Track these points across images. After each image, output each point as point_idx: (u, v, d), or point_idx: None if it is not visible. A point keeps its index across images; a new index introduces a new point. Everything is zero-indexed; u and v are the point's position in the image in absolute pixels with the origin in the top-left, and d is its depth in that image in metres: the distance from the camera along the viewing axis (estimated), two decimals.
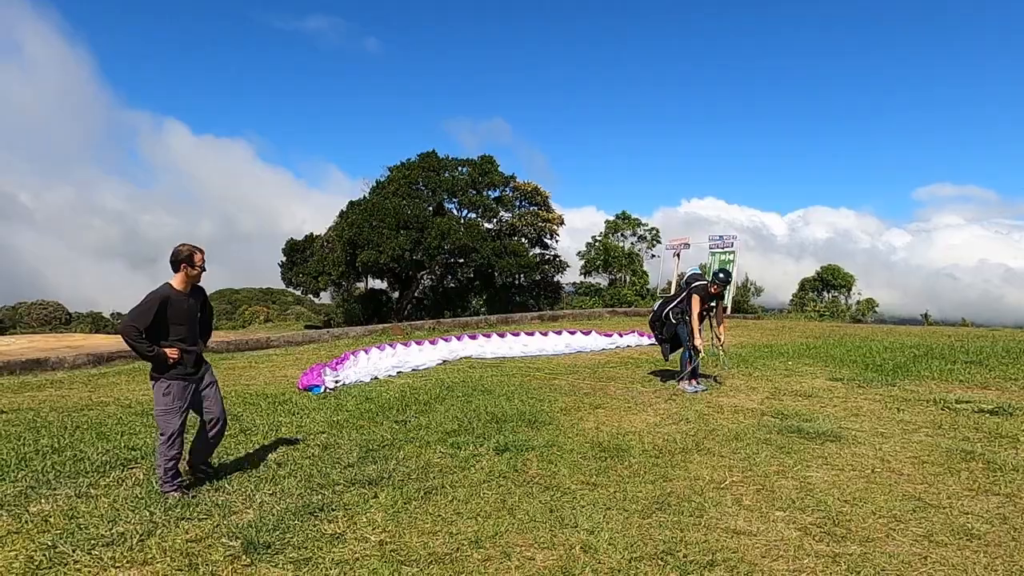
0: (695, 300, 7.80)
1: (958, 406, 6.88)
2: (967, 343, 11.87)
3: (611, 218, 34.95)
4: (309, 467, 5.03)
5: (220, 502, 4.28)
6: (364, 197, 29.16)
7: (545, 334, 12.99)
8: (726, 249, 25.68)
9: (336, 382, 8.56)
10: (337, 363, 9.47)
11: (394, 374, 9.43)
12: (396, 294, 34.42)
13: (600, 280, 33.81)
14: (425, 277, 34.07)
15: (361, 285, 36.45)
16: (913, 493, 4.42)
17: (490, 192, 31.67)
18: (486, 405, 7.09)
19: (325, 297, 39.73)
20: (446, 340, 11.96)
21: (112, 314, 65.38)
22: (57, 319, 61.32)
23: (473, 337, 12.50)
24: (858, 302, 28.36)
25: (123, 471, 4.96)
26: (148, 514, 4.06)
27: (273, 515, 4.04)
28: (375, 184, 30.52)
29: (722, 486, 4.62)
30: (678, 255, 27.07)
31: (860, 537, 3.75)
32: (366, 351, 10.47)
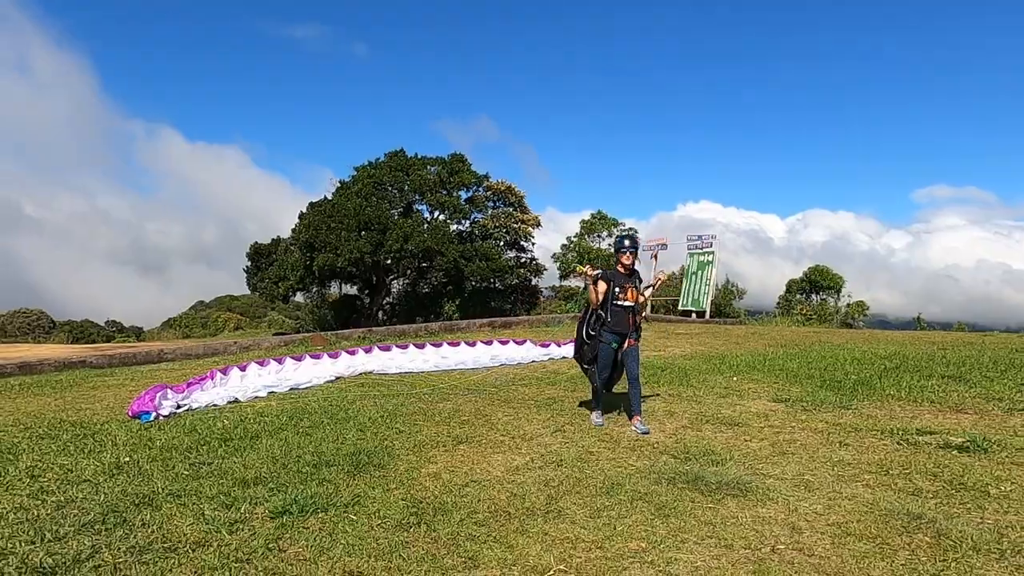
0: (598, 286, 6.01)
1: (919, 439, 5.40)
2: (950, 352, 10.35)
3: (586, 218, 33.44)
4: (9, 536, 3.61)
5: None
6: (325, 198, 27.69)
7: (472, 344, 11.48)
8: (704, 250, 24.26)
9: (178, 407, 7.10)
10: (193, 383, 7.99)
11: (264, 394, 7.96)
12: (368, 299, 32.95)
13: (579, 283, 32.25)
14: (396, 281, 32.60)
15: (335, 290, 35.03)
16: None
17: (461, 192, 30.17)
18: (323, 439, 5.64)
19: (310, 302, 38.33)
20: (351, 353, 10.45)
21: (107, 322, 63.89)
22: (40, 327, 59.99)
23: (386, 348, 10.99)
24: (848, 305, 26.74)
25: None
26: None
27: None
28: (339, 184, 29.03)
29: None
30: (655, 256, 25.62)
31: None
32: (242, 367, 8.97)
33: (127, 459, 5.26)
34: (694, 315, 22.84)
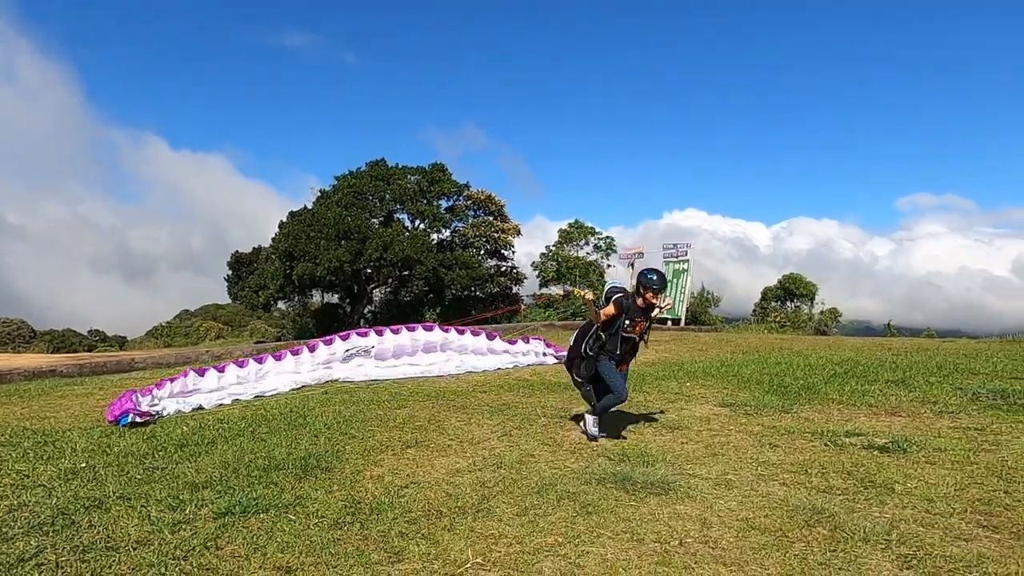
0: (609, 308, 5.76)
1: (847, 440, 5.68)
2: (902, 358, 10.71)
3: (564, 226, 33.78)
4: None
5: None
6: (305, 207, 27.82)
7: (447, 330, 11.51)
8: (680, 258, 24.61)
9: (152, 407, 7.27)
10: (163, 383, 8.11)
11: (228, 402, 8.12)
12: (350, 308, 33.06)
13: (557, 291, 32.53)
14: (378, 290, 32.75)
15: (317, 299, 35.10)
16: None
17: (441, 201, 30.41)
18: (277, 445, 5.83)
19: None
20: (328, 343, 10.44)
21: (90, 331, 63.17)
22: (21, 337, 59.30)
23: (363, 334, 10.96)
24: (821, 312, 27.26)
25: None
26: None
27: None
28: (320, 193, 29.18)
29: (459, 571, 3.37)
30: (632, 264, 25.96)
31: None
32: (220, 368, 9.05)
33: (83, 465, 5.43)
34: (669, 322, 23.16)
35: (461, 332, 11.67)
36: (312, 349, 10.19)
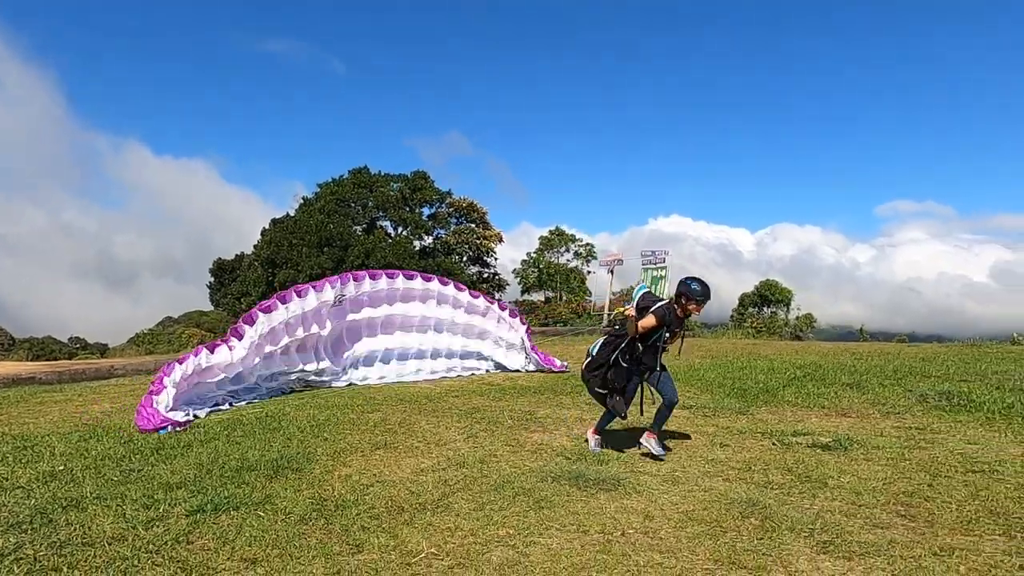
0: (649, 320, 5.39)
1: (793, 440, 6.01)
2: (862, 362, 11.12)
3: (545, 234, 34.19)
4: None
5: None
6: (288, 215, 27.99)
7: (428, 279, 11.29)
8: (658, 265, 25.02)
9: (186, 416, 7.34)
10: (170, 365, 7.90)
11: (225, 407, 8.27)
12: None
13: (539, 298, 32.90)
14: None
15: None
16: (639, 568, 3.46)
17: (424, 209, 30.70)
18: (251, 447, 6.06)
19: None
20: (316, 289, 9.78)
21: (70, 338, 62.43)
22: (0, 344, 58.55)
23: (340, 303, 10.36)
24: (797, 317, 27.84)
25: None
26: None
27: None
28: (303, 201, 29.35)
29: (414, 560, 3.63)
30: (612, 271, 26.38)
31: None
32: (230, 345, 8.69)
33: (61, 467, 5.62)
34: None
35: (444, 283, 11.54)
36: (301, 294, 9.57)
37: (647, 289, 5.98)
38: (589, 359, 5.86)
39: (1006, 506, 4.19)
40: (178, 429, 6.90)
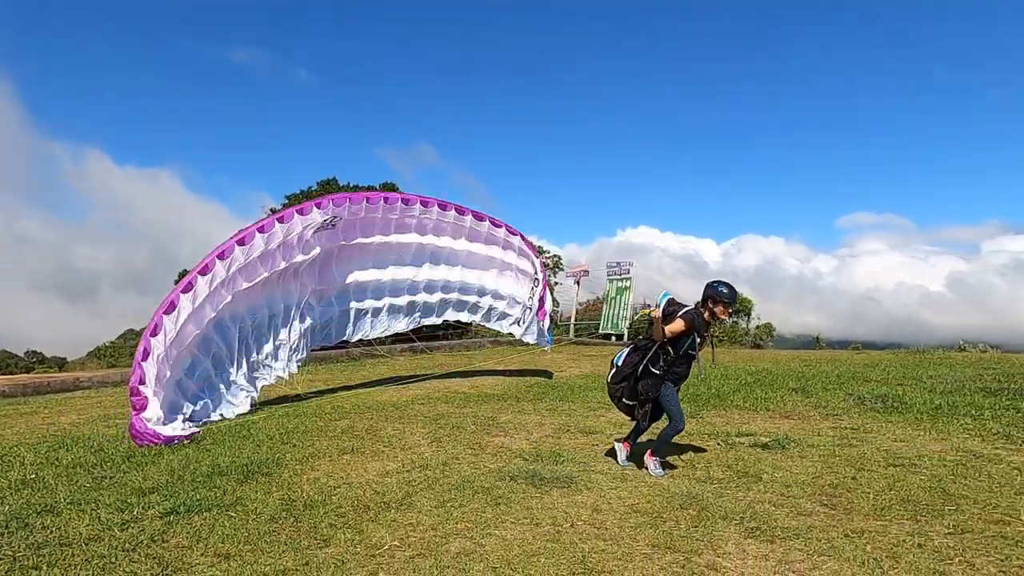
0: (677, 324, 5.18)
1: (737, 440, 6.44)
2: (811, 368, 11.71)
3: None
4: None
5: None
6: None
7: (428, 203, 10.49)
8: (623, 276, 25.59)
9: (192, 427, 7.41)
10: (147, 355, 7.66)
11: (231, 416, 8.41)
12: None
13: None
14: None
15: None
16: (584, 554, 3.81)
17: None
18: (221, 454, 6.28)
19: None
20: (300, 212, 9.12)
21: (27, 352, 60.57)
22: None
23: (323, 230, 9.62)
24: (757, 326, 28.66)
25: None
26: None
27: None
28: (270, 212, 29.22)
29: (379, 552, 3.92)
30: (578, 282, 26.82)
31: None
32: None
33: (33, 476, 5.76)
34: (614, 338, 24.04)
35: (444, 207, 10.73)
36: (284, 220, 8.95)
37: (670, 295, 5.58)
38: (614, 370, 5.69)
39: (917, 495, 4.65)
40: (186, 443, 6.91)
